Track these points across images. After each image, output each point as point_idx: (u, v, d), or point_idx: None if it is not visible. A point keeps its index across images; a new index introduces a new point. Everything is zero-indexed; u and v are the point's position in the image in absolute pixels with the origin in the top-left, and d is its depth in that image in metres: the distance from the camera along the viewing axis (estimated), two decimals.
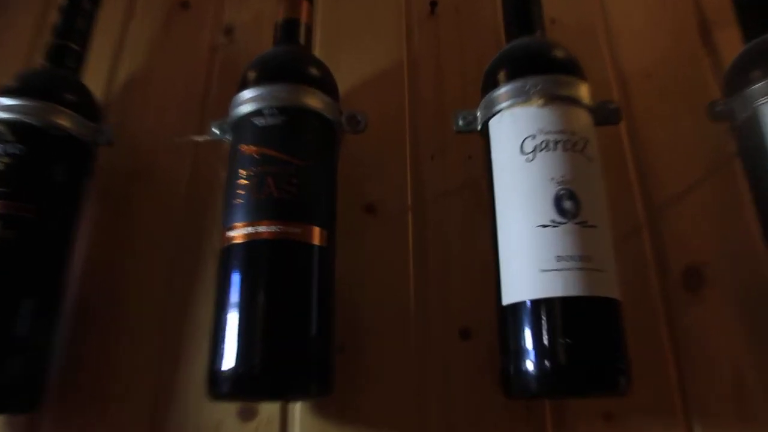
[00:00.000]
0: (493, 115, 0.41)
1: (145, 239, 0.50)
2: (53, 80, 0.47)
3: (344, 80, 0.53)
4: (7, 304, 0.40)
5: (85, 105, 0.47)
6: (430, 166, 0.51)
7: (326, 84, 0.44)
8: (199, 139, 0.48)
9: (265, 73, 0.42)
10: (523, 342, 0.36)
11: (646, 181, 0.50)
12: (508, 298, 0.37)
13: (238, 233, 0.38)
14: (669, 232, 0.48)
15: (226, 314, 0.37)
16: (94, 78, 0.55)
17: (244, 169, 0.39)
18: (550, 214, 0.36)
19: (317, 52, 0.55)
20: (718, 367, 0.43)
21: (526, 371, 0.35)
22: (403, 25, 0.57)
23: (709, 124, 0.48)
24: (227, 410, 0.43)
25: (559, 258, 0.35)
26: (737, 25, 0.50)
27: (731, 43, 0.51)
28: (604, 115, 0.43)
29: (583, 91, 0.41)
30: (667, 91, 0.54)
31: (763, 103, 0.42)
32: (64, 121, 0.45)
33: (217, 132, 0.45)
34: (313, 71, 0.44)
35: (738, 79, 0.45)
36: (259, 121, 0.40)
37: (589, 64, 0.54)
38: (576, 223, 0.36)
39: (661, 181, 0.50)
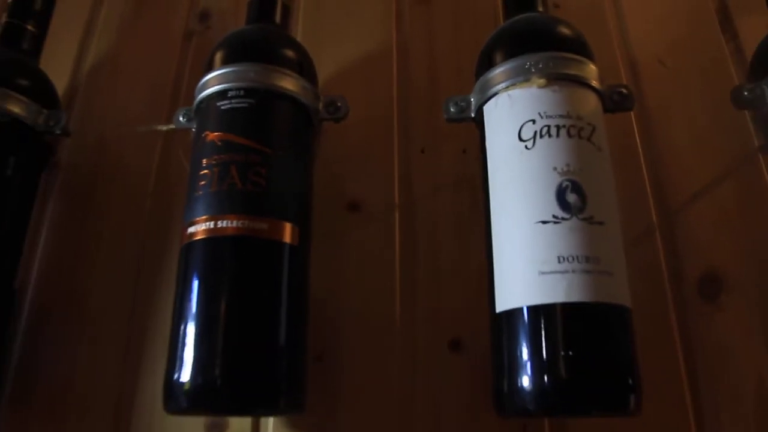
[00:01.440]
0: (489, 98, 0.38)
1: (109, 238, 0.47)
2: (4, 62, 0.43)
3: (326, 67, 0.50)
4: None
5: (40, 91, 0.44)
6: (420, 160, 0.47)
7: (301, 65, 0.40)
8: (164, 128, 0.44)
9: (233, 52, 0.39)
10: (518, 354, 0.31)
11: (660, 178, 0.46)
12: (502, 304, 0.33)
13: (199, 229, 0.34)
14: (684, 234, 0.44)
15: (184, 319, 0.34)
16: (60, 64, 0.52)
17: (206, 158, 0.36)
18: (551, 208, 0.32)
19: (298, 36, 0.52)
20: (738, 383, 0.39)
21: (522, 388, 0.31)
22: (393, 7, 0.53)
23: (730, 116, 0.45)
24: (195, 424, 0.39)
25: (562, 258, 0.31)
26: (763, 8, 0.47)
27: (755, 29, 0.47)
28: (615, 100, 0.39)
29: (591, 72, 0.37)
30: (683, 80, 0.50)
31: None
32: (14, 106, 0.41)
33: (183, 120, 0.41)
34: (287, 51, 0.40)
35: (763, 60, 0.42)
36: (223, 105, 0.36)
37: (597, 50, 0.50)
38: (581, 219, 0.32)
39: (677, 178, 0.46)
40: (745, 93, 0.41)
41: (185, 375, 0.32)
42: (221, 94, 0.37)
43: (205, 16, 0.55)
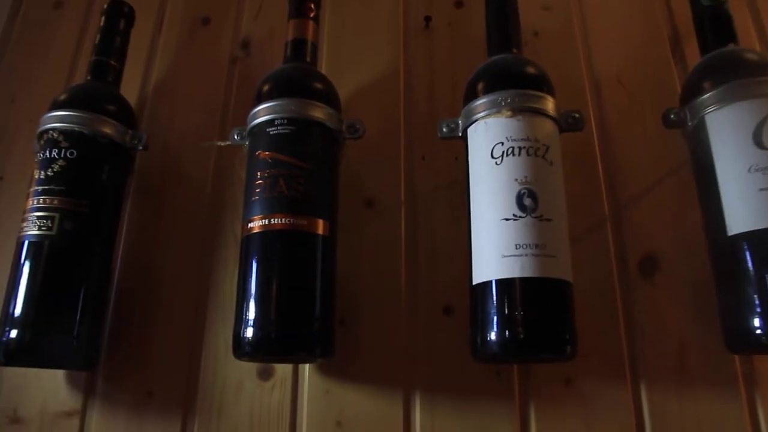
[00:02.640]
0: (471, 123, 0.50)
1: (176, 230, 0.60)
2: (98, 94, 0.57)
3: (347, 88, 0.63)
4: (69, 284, 0.50)
5: (125, 115, 0.57)
6: (421, 165, 0.60)
7: (329, 97, 0.53)
8: (222, 144, 0.58)
9: (276, 89, 0.52)
10: (487, 314, 0.45)
11: (613, 179, 0.58)
12: (477, 278, 0.46)
13: (256, 224, 0.48)
14: (630, 225, 0.56)
15: (247, 290, 0.47)
16: (129, 88, 0.65)
17: (260, 171, 0.49)
18: (512, 209, 0.45)
19: (323, 63, 0.64)
20: (664, 339, 0.52)
21: (490, 339, 0.44)
22: (400, 37, 0.66)
23: (674, 129, 0.56)
24: (249, 371, 0.53)
25: (518, 246, 0.44)
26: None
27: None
28: (568, 123, 0.51)
29: (549, 104, 0.49)
30: (637, 96, 0.62)
31: (709, 112, 0.50)
32: (109, 129, 0.55)
33: (237, 138, 0.54)
34: (318, 86, 0.53)
35: (691, 89, 0.54)
36: (271, 131, 0.49)
37: (567, 71, 0.63)
38: (533, 217, 0.45)
39: (626, 179, 0.58)
40: (672, 116, 0.53)
41: (249, 330, 0.46)
42: (269, 123, 0.50)
43: (246, 44, 0.68)
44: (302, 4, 0.57)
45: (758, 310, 0.44)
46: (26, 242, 0.50)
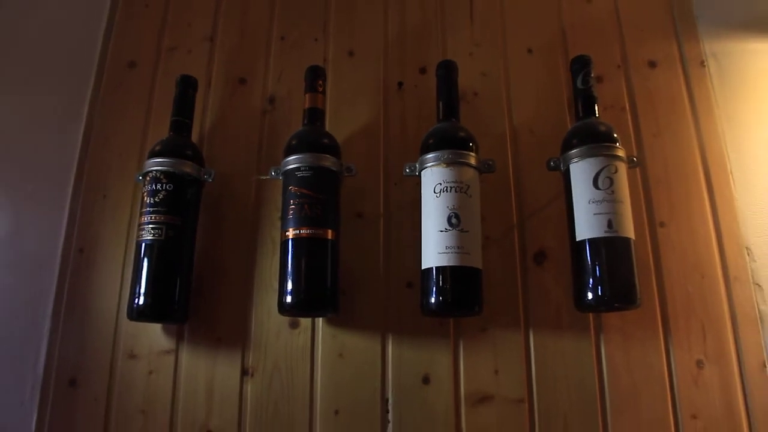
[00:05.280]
0: (423, 169, 0.84)
1: (231, 234, 0.95)
2: (180, 145, 0.90)
3: (344, 134, 0.96)
4: (171, 270, 0.85)
5: (198, 158, 0.91)
6: (394, 189, 0.94)
7: (334, 150, 0.87)
8: (264, 177, 0.92)
9: (300, 145, 0.85)
10: (429, 287, 0.79)
11: (520, 199, 0.93)
12: (424, 265, 0.81)
13: (290, 233, 0.82)
14: (530, 229, 0.91)
15: (286, 274, 0.82)
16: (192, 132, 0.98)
17: (291, 200, 0.83)
18: (444, 225, 0.79)
19: (328, 119, 0.98)
20: (547, 304, 0.87)
21: (429, 302, 0.79)
22: (381, 96, 1.00)
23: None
24: (283, 323, 0.88)
25: (447, 247, 0.79)
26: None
27: None
28: (485, 168, 0.86)
29: (472, 158, 0.83)
30: (542, 143, 0.96)
31: (572, 163, 0.85)
32: (189, 169, 0.88)
33: (274, 174, 0.88)
34: (326, 143, 0.87)
35: (564, 145, 0.88)
36: (298, 173, 0.83)
37: (496, 122, 0.97)
38: (457, 230, 0.79)
39: (529, 200, 0.93)
40: (552, 163, 0.88)
41: (288, 297, 0.81)
42: (297, 168, 0.84)
43: (272, 100, 1.01)
44: (314, 82, 0.91)
45: (590, 285, 0.80)
46: (143, 244, 0.84)
